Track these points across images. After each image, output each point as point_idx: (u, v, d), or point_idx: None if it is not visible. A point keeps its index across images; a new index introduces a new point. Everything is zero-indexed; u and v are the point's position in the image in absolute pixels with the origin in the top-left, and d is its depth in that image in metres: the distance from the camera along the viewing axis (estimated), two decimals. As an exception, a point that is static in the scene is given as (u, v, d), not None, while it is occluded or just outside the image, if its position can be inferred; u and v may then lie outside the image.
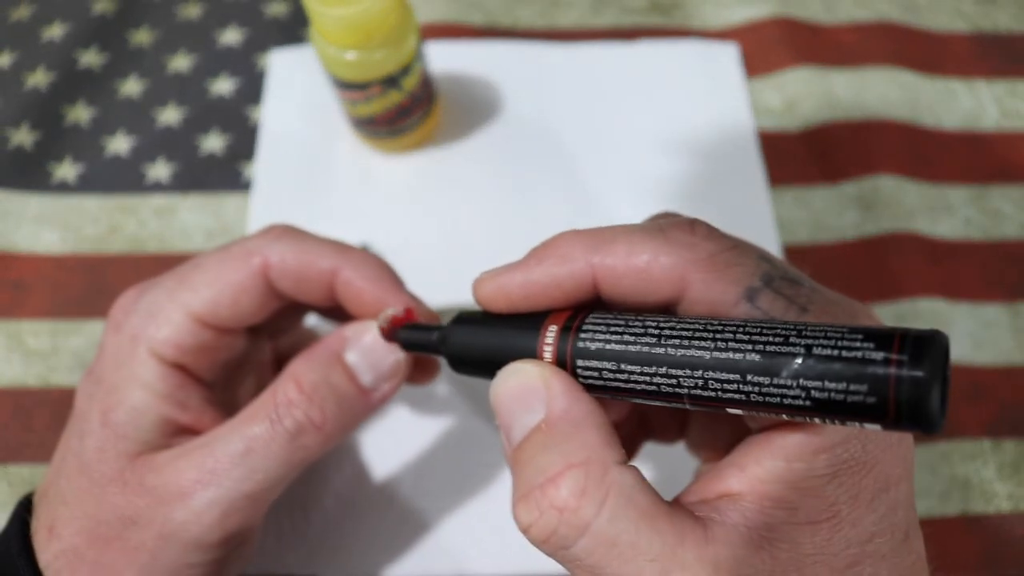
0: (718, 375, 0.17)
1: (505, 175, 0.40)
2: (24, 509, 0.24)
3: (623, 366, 0.18)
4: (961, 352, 0.36)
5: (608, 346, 0.18)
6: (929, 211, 0.40)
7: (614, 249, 0.19)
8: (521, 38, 0.45)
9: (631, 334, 0.18)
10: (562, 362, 0.19)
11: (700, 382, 0.17)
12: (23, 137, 0.42)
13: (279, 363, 0.31)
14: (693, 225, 0.20)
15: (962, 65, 0.44)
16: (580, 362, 0.19)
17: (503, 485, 0.33)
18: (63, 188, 0.41)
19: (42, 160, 0.42)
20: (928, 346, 0.14)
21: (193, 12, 0.47)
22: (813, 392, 0.16)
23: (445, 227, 0.39)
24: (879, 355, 0.15)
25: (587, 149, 0.41)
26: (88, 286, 0.38)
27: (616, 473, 0.18)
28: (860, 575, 0.18)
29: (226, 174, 0.41)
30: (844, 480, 0.18)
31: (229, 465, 0.23)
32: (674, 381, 0.17)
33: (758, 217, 0.39)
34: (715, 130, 0.42)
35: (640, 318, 0.19)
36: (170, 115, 0.43)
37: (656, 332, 0.18)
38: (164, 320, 0.24)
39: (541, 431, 0.18)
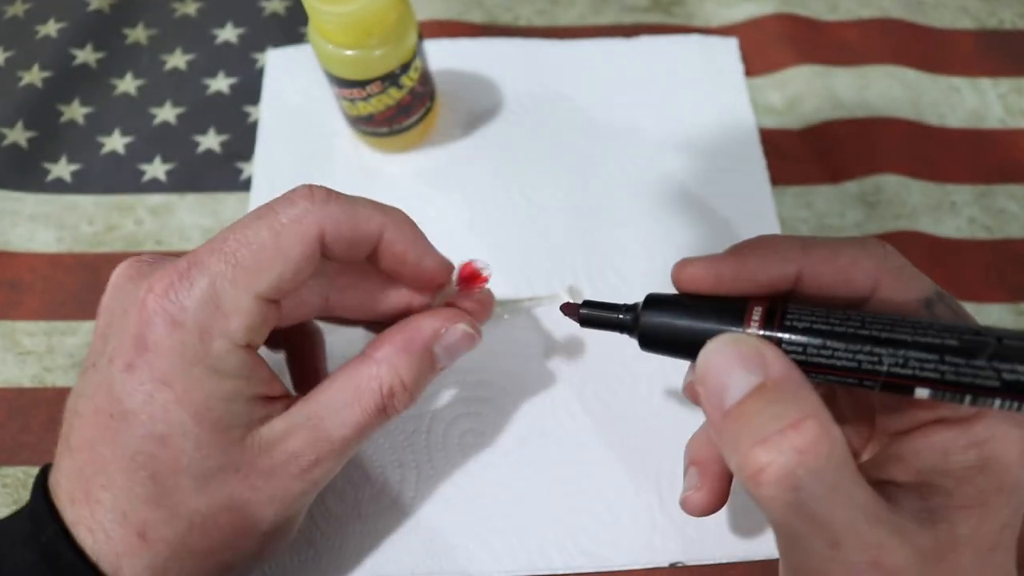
0: (919, 354, 0.19)
1: (505, 173, 0.40)
2: (47, 514, 0.23)
3: (829, 343, 0.21)
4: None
5: (815, 326, 0.21)
6: (932, 210, 0.39)
7: (822, 249, 0.23)
8: (521, 36, 0.44)
9: (836, 318, 0.21)
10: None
11: (901, 360, 0.20)
12: (18, 135, 0.42)
13: None
14: (884, 243, 0.23)
15: (966, 63, 0.44)
16: (787, 337, 0.21)
17: (505, 486, 0.32)
18: (59, 187, 0.40)
19: (38, 158, 0.41)
20: None
21: (190, 9, 0.47)
22: (1004, 374, 0.18)
23: (445, 226, 0.39)
24: None
25: (588, 146, 0.41)
26: (84, 286, 0.38)
27: (837, 429, 0.20)
28: (996, 560, 0.21)
29: (224, 173, 0.41)
30: (990, 474, 0.21)
31: (342, 447, 0.25)
32: (876, 358, 0.20)
33: (761, 215, 0.39)
34: (716, 126, 0.41)
35: (840, 309, 0.21)
36: (167, 113, 0.43)
37: (859, 318, 0.21)
38: (233, 309, 0.23)
39: (765, 388, 0.21)
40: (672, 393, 0.34)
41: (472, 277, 0.27)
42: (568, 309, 0.27)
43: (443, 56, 0.43)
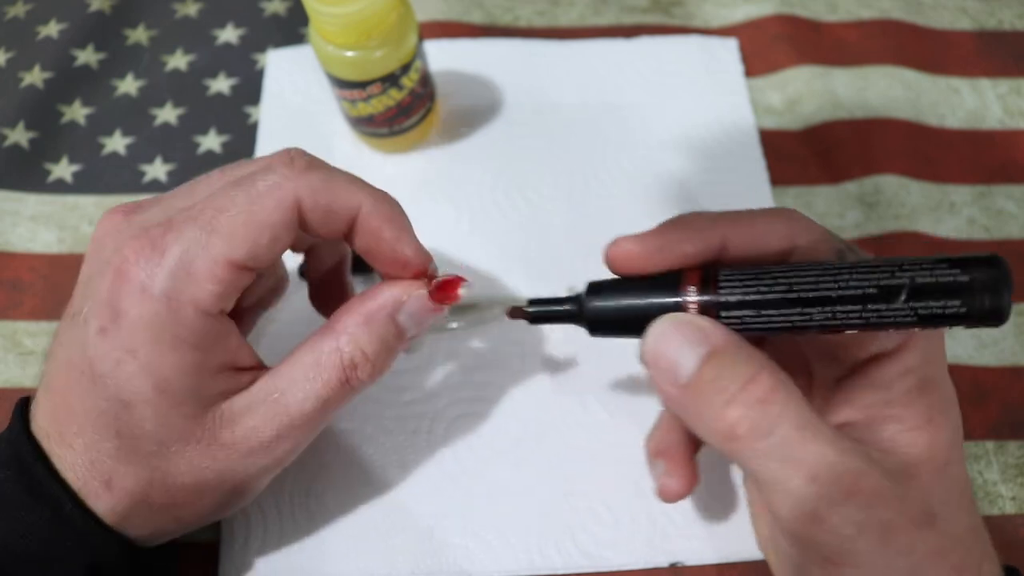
0: (844, 307, 0.21)
1: (505, 174, 0.40)
2: (35, 458, 0.24)
3: (763, 311, 0.22)
4: (964, 353, 0.36)
5: (747, 297, 0.22)
6: (932, 211, 0.39)
7: (740, 218, 0.25)
8: (521, 37, 0.44)
9: (765, 283, 0.22)
10: (705, 311, 0.23)
11: (830, 314, 0.22)
12: (20, 136, 0.42)
13: None
14: (791, 209, 0.25)
15: (966, 63, 0.44)
16: (723, 300, 0.23)
17: (505, 485, 0.32)
18: (60, 187, 0.41)
19: (39, 159, 0.41)
20: (997, 262, 0.20)
21: (191, 10, 0.47)
22: (919, 311, 0.21)
23: (445, 226, 0.39)
24: (961, 273, 0.20)
25: (588, 146, 0.41)
26: (85, 286, 0.38)
27: (788, 376, 0.22)
28: (951, 474, 0.23)
29: (224, 173, 0.41)
30: (928, 393, 0.23)
31: (305, 422, 0.25)
32: (807, 317, 0.22)
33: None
34: (716, 126, 0.41)
35: (767, 269, 0.23)
36: (168, 114, 0.43)
37: (787, 279, 0.22)
38: (205, 276, 0.23)
39: (715, 355, 0.22)
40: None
41: (448, 285, 0.26)
42: (516, 312, 0.27)
43: (443, 57, 0.43)
